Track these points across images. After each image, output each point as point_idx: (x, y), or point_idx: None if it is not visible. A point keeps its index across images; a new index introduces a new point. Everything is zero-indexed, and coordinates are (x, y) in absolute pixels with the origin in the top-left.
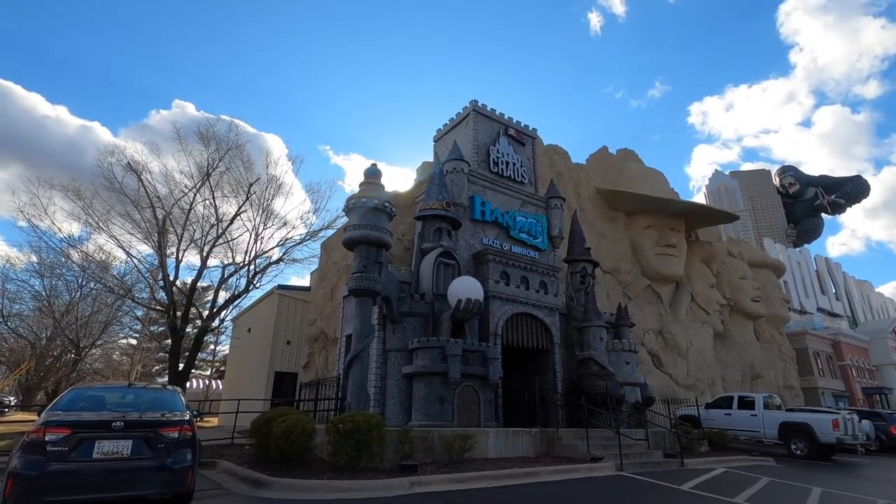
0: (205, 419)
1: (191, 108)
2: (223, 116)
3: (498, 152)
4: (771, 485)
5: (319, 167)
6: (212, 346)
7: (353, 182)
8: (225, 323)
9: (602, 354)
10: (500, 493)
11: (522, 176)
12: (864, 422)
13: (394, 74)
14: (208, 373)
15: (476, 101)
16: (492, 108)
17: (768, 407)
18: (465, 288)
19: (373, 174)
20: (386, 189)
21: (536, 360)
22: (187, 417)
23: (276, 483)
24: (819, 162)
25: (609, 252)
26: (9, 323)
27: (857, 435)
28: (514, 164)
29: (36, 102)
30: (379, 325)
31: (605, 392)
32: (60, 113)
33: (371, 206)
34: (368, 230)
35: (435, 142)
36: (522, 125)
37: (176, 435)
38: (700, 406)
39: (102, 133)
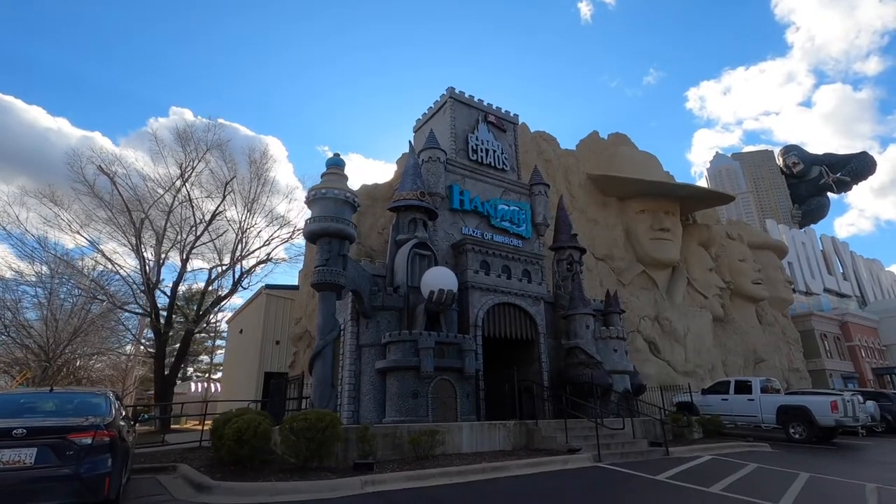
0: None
1: (188, 114)
2: (221, 120)
3: (477, 140)
4: (756, 471)
5: (319, 168)
6: (215, 349)
7: (352, 182)
8: (221, 325)
9: (589, 343)
10: (455, 490)
11: (504, 163)
12: (868, 403)
13: (384, 69)
14: (217, 376)
15: (453, 88)
16: (470, 95)
17: (766, 391)
18: (438, 279)
19: (335, 164)
20: (370, 182)
21: (522, 351)
22: (107, 422)
23: (217, 487)
24: (823, 142)
25: (602, 239)
26: (10, 332)
27: (859, 416)
28: (494, 151)
29: (37, 116)
30: (352, 321)
31: (591, 381)
32: (62, 125)
33: (332, 198)
34: (329, 222)
35: (414, 132)
36: (503, 111)
37: (89, 441)
38: (696, 392)
39: (104, 142)
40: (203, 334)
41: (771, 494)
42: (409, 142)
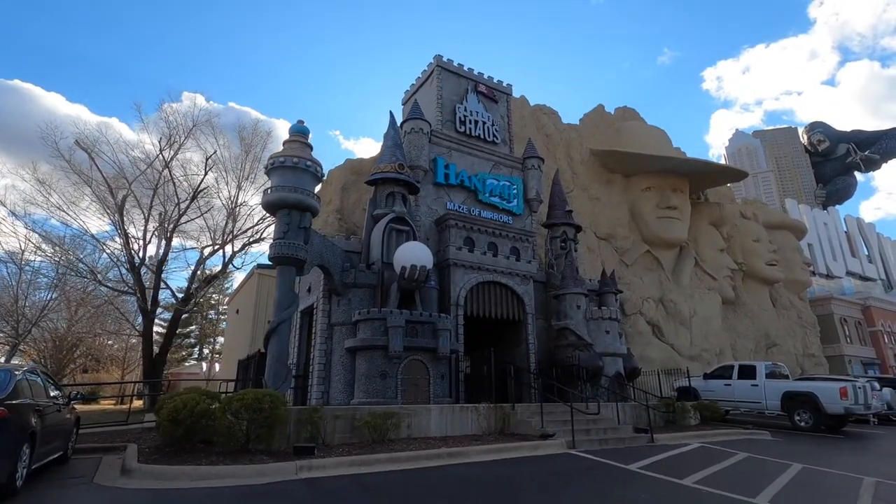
0: None
1: (200, 100)
2: (231, 104)
3: (465, 110)
4: (744, 461)
5: (331, 153)
6: (218, 331)
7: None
8: (223, 306)
9: (579, 324)
10: (396, 477)
11: (494, 136)
12: (885, 390)
13: (398, 50)
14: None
15: (441, 56)
16: (459, 64)
17: (773, 376)
18: (410, 254)
19: (299, 132)
20: (355, 157)
21: (509, 332)
22: None
23: (138, 470)
24: (849, 123)
25: (604, 217)
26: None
27: (872, 404)
28: (484, 122)
29: (56, 102)
30: (324, 298)
31: (578, 364)
32: (80, 111)
33: (291, 166)
34: (287, 192)
35: (403, 105)
36: (495, 81)
37: None
38: (697, 377)
39: (121, 128)
40: (219, 315)
41: (750, 488)
42: (390, 112)
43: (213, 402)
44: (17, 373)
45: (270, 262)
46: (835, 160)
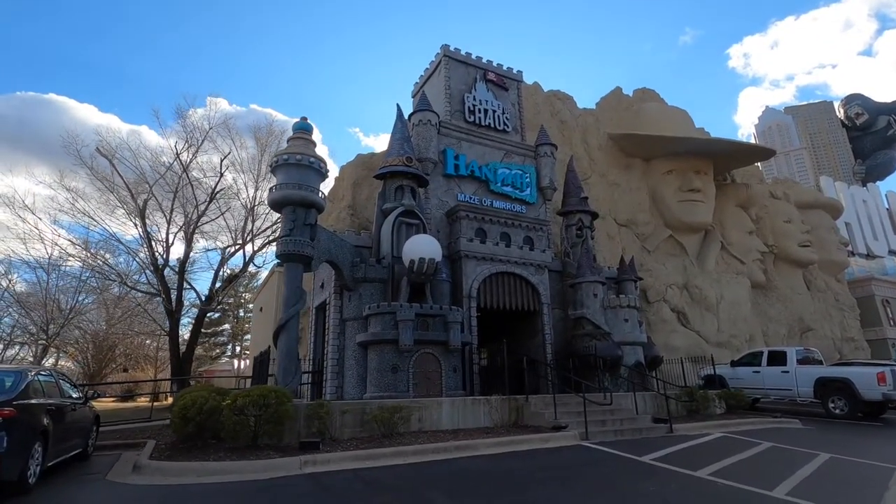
0: None
1: (224, 104)
2: (253, 106)
3: (474, 100)
4: (767, 452)
5: (350, 150)
6: (244, 330)
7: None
8: (250, 304)
9: (596, 312)
10: (400, 471)
11: (505, 124)
12: None
13: (413, 39)
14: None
15: (448, 46)
16: (467, 52)
17: (806, 362)
18: (419, 247)
19: (302, 129)
20: (366, 153)
21: (525, 323)
22: (1, 400)
23: (148, 466)
24: (890, 94)
25: (624, 203)
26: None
27: None
28: (494, 111)
29: (89, 113)
30: (336, 294)
31: (595, 353)
32: (112, 121)
33: (294, 164)
34: (292, 189)
35: (413, 98)
36: (505, 68)
37: None
38: (723, 364)
39: (150, 135)
40: (246, 313)
41: (769, 479)
42: (397, 105)
43: (224, 398)
44: (29, 374)
45: (278, 260)
46: (874, 134)
